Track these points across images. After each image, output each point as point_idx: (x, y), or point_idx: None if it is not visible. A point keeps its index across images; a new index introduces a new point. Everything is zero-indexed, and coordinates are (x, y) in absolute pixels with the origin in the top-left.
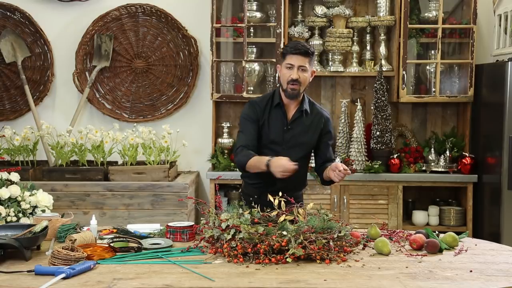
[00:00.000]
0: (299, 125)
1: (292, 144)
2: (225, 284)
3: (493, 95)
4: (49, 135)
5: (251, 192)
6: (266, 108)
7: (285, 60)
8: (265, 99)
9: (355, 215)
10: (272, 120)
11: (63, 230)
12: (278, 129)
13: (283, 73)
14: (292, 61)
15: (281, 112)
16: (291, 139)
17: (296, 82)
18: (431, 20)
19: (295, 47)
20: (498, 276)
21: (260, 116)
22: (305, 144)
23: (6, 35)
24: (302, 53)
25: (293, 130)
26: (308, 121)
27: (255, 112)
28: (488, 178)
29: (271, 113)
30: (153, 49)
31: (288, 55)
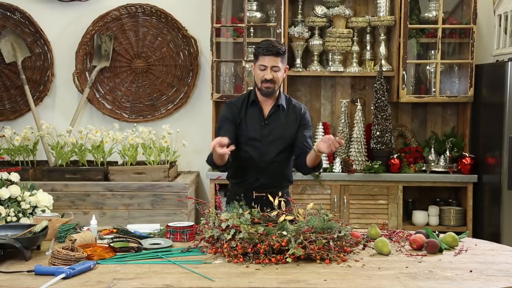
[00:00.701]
0: (275, 120)
1: (271, 139)
2: (225, 284)
3: (493, 95)
4: (49, 135)
5: (237, 191)
6: (242, 107)
7: (258, 61)
8: (241, 99)
9: (355, 215)
10: (248, 117)
11: (63, 230)
12: (255, 125)
13: (257, 73)
14: (264, 62)
15: (257, 109)
16: (269, 134)
17: (270, 82)
18: (431, 20)
19: (267, 48)
20: (498, 276)
21: (236, 115)
22: (284, 138)
23: (6, 35)
24: (274, 54)
25: (271, 125)
26: (285, 116)
27: (232, 112)
28: (488, 178)
29: (248, 111)
30: (153, 49)
31: (261, 56)
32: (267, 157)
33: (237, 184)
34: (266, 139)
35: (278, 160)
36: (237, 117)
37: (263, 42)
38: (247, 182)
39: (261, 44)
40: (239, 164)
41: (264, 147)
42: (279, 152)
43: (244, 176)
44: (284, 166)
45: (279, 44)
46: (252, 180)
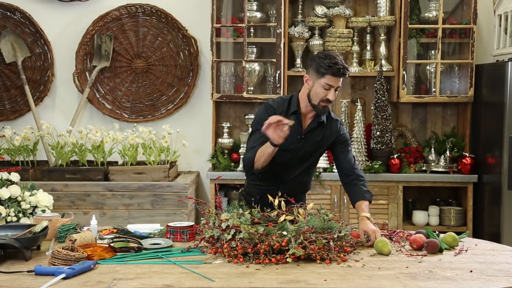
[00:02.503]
0: (312, 136)
1: (302, 153)
2: (225, 284)
3: (493, 95)
4: (49, 135)
5: (253, 192)
6: (281, 114)
7: (324, 79)
8: (281, 104)
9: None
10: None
11: (63, 230)
12: (291, 137)
13: (317, 91)
14: (331, 82)
15: (297, 121)
16: (302, 149)
17: (328, 102)
18: (431, 20)
19: (339, 70)
20: (498, 276)
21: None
22: (315, 155)
23: (6, 35)
24: (343, 75)
25: (307, 140)
26: (323, 132)
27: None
28: (488, 178)
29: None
30: (153, 49)
31: (329, 76)
32: (292, 170)
33: (255, 186)
34: (297, 153)
35: (302, 173)
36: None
37: (331, 59)
38: (265, 188)
39: (331, 63)
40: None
41: (293, 161)
42: (307, 167)
43: (264, 182)
44: (306, 178)
45: (345, 64)
46: (271, 188)
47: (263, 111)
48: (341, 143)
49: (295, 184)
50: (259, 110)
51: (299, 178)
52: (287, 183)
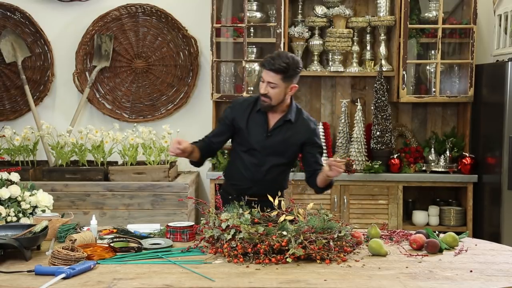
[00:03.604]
0: (280, 134)
1: (270, 151)
2: (225, 284)
3: (493, 95)
4: (49, 135)
5: (229, 191)
6: (247, 111)
7: (262, 72)
8: (248, 102)
9: (355, 215)
10: (252, 125)
11: (63, 230)
12: (258, 135)
13: (260, 83)
14: (263, 75)
15: (263, 118)
16: (270, 146)
17: (266, 97)
18: (431, 20)
19: (268, 62)
20: (498, 276)
21: (239, 118)
22: (285, 153)
23: (6, 35)
24: (273, 70)
25: (274, 138)
26: (291, 131)
27: (233, 115)
28: (488, 178)
29: (252, 118)
30: (153, 49)
31: (263, 69)
32: (263, 168)
33: (230, 186)
34: (265, 151)
35: (274, 172)
36: (240, 121)
37: (273, 53)
38: (240, 187)
39: (269, 56)
40: (235, 169)
41: (262, 159)
42: (277, 165)
43: (239, 181)
44: (280, 178)
45: (284, 60)
46: (245, 187)
47: (229, 111)
48: (311, 145)
49: (269, 183)
50: (227, 108)
51: (272, 178)
52: (260, 182)
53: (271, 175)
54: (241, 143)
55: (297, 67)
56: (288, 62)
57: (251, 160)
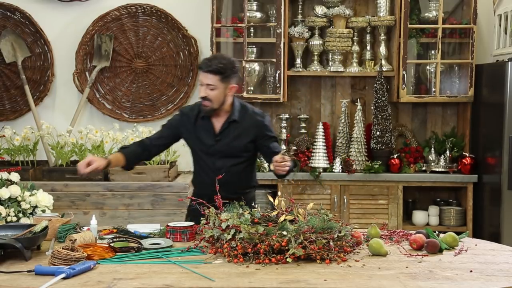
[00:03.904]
0: (228, 135)
1: (224, 154)
2: (225, 284)
3: (493, 95)
4: (49, 135)
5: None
6: (192, 120)
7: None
8: (194, 111)
9: (355, 215)
10: (200, 131)
11: (63, 230)
12: (208, 140)
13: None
14: (201, 77)
15: (209, 124)
16: (222, 150)
17: (206, 100)
18: (431, 20)
19: (205, 64)
20: (498, 276)
21: (188, 126)
22: (238, 150)
23: (6, 35)
24: (210, 71)
25: (223, 141)
26: (239, 129)
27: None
28: (488, 178)
29: (199, 125)
30: (153, 49)
31: (200, 71)
32: (222, 170)
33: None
34: (219, 154)
35: (234, 171)
36: (189, 129)
37: (209, 56)
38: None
39: (204, 59)
40: (199, 176)
41: (218, 162)
42: (235, 165)
43: (205, 187)
44: (243, 175)
45: (220, 61)
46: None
47: (177, 116)
48: (263, 138)
49: (235, 184)
50: (175, 115)
51: (234, 177)
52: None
53: (234, 176)
54: (195, 151)
55: (234, 67)
56: (224, 62)
57: (209, 165)
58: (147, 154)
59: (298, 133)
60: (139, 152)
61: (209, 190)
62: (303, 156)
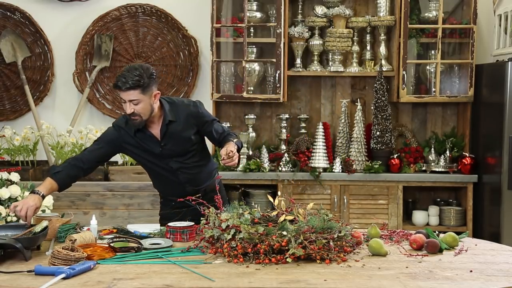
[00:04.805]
0: (172, 136)
1: (175, 154)
2: (225, 284)
3: (493, 95)
4: (49, 135)
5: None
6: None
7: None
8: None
9: (355, 215)
10: (144, 142)
11: (63, 230)
12: (154, 148)
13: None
14: (123, 96)
15: (147, 135)
16: (170, 151)
17: (134, 115)
18: (431, 20)
19: (121, 82)
20: (498, 276)
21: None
22: (187, 147)
23: (6, 35)
24: (128, 88)
25: (169, 144)
26: (178, 126)
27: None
28: (488, 178)
29: (140, 136)
30: (153, 49)
31: (119, 91)
32: (182, 170)
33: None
34: (171, 156)
35: (192, 165)
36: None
37: (122, 73)
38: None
39: (118, 76)
40: (159, 185)
41: (172, 163)
42: (188, 159)
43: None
44: (202, 164)
45: (134, 74)
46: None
47: (113, 130)
48: (203, 124)
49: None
50: (109, 129)
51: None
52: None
53: (194, 169)
54: (146, 161)
55: (151, 74)
56: (138, 74)
57: (166, 169)
58: (82, 173)
59: (298, 133)
60: (72, 175)
61: (177, 192)
62: (303, 156)
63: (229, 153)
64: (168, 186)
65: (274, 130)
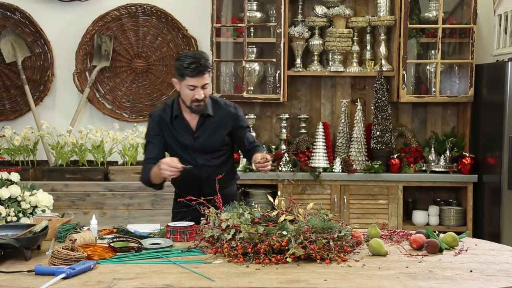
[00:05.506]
0: (206, 130)
1: (204, 150)
2: (225, 284)
3: (493, 95)
4: (49, 135)
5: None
6: (167, 122)
7: (185, 80)
8: (166, 111)
9: (355, 215)
10: (177, 132)
11: (63, 230)
12: (186, 139)
13: (185, 93)
14: (193, 82)
15: (184, 123)
16: (202, 145)
17: (202, 100)
18: (431, 20)
19: (196, 69)
20: (498, 276)
21: (164, 128)
22: (217, 144)
23: (6, 35)
24: (203, 72)
25: (202, 137)
26: (215, 123)
27: (159, 126)
28: (488, 178)
29: (175, 124)
30: (153, 49)
31: (188, 77)
32: (205, 167)
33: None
34: (201, 151)
35: (216, 164)
36: (167, 131)
37: (187, 59)
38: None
39: (186, 63)
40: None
41: (199, 158)
42: (215, 158)
43: (188, 188)
44: (225, 168)
45: (204, 59)
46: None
47: (152, 122)
48: (239, 129)
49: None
50: (149, 121)
51: (217, 171)
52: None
53: (215, 168)
54: (175, 152)
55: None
56: (207, 57)
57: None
58: None
59: (298, 133)
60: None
61: (193, 189)
62: (303, 156)
63: (266, 158)
64: (187, 182)
65: (274, 130)
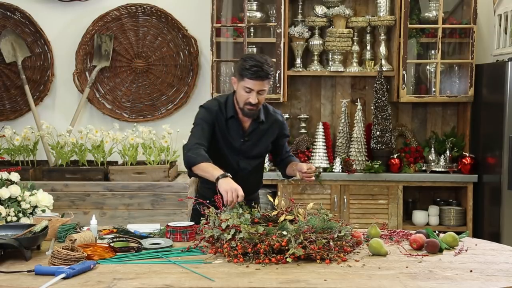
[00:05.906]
0: (255, 136)
1: (250, 154)
2: (225, 284)
3: (493, 95)
4: (49, 135)
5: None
6: (223, 117)
7: (243, 81)
8: (220, 108)
9: (355, 215)
10: (230, 131)
11: (63, 230)
12: (236, 141)
13: (240, 94)
14: (250, 85)
15: (237, 124)
16: (249, 150)
17: (255, 105)
18: (431, 20)
19: (256, 73)
20: (498, 276)
21: (217, 122)
22: (262, 152)
23: (6, 35)
24: (262, 78)
25: (251, 141)
26: (264, 129)
27: (212, 117)
28: (488, 178)
29: (230, 124)
30: (153, 49)
31: (247, 79)
32: (244, 171)
33: (209, 189)
34: (244, 154)
35: (253, 170)
36: (221, 128)
37: (250, 61)
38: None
39: (249, 64)
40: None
41: (242, 162)
42: (256, 165)
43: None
44: (259, 174)
45: (268, 66)
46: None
47: (208, 113)
48: (281, 137)
49: (249, 182)
50: (202, 111)
51: (251, 176)
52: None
53: (252, 175)
54: (221, 150)
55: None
56: (271, 64)
57: (232, 166)
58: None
59: (298, 133)
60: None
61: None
62: (303, 156)
63: (311, 168)
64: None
65: None
